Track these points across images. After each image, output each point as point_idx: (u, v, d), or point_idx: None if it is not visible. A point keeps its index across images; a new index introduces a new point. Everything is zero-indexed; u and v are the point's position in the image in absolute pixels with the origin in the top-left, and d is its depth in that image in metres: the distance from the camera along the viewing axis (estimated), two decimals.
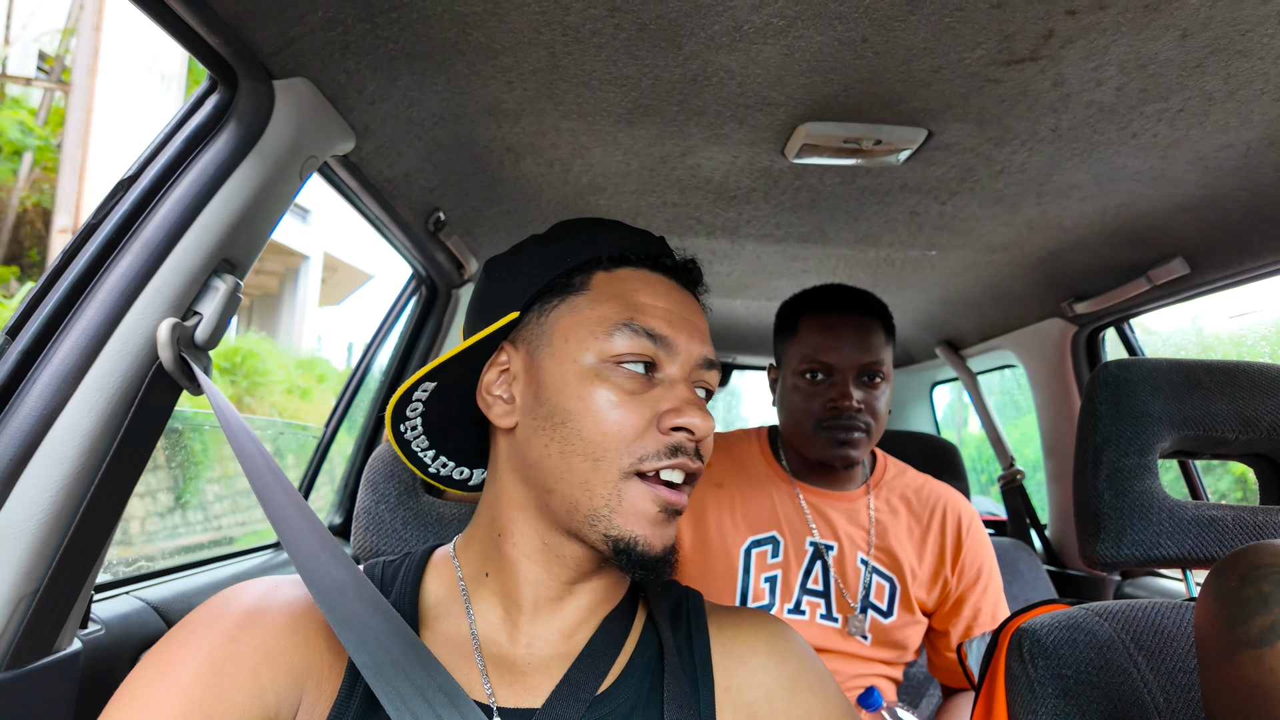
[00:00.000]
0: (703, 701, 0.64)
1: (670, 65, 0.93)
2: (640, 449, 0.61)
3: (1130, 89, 0.93)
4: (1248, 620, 0.54)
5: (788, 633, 0.71)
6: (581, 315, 0.64)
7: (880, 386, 1.31)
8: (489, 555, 0.66)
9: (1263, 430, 0.93)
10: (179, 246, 0.78)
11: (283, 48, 0.78)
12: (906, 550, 1.34)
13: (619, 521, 0.61)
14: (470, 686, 0.61)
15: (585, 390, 0.62)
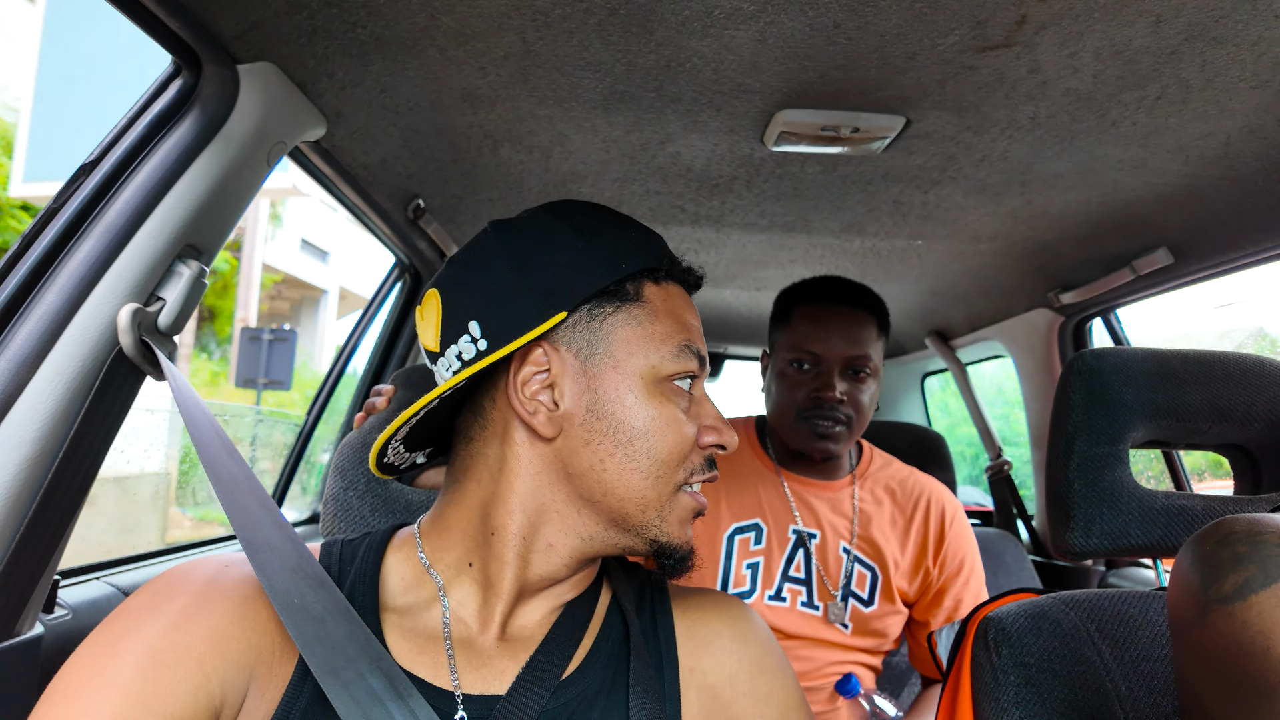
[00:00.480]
0: (667, 683, 0.65)
1: (643, 51, 0.93)
2: (690, 465, 0.65)
3: (1107, 76, 0.92)
4: (1220, 579, 0.54)
5: (750, 616, 0.72)
6: (643, 329, 0.64)
7: (866, 380, 1.31)
8: (475, 549, 0.65)
9: (1236, 421, 0.92)
10: (141, 232, 0.77)
11: (245, 32, 0.77)
12: (889, 540, 1.35)
13: (667, 529, 0.64)
14: (436, 673, 0.60)
15: (656, 409, 0.63)
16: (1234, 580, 0.53)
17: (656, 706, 0.62)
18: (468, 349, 0.63)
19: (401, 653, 0.61)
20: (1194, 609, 0.56)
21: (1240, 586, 0.52)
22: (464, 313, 0.63)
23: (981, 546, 1.94)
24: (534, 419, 0.62)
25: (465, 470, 0.66)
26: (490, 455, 0.65)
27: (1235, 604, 0.52)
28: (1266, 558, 0.53)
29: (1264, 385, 0.93)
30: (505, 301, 0.62)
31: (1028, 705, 0.81)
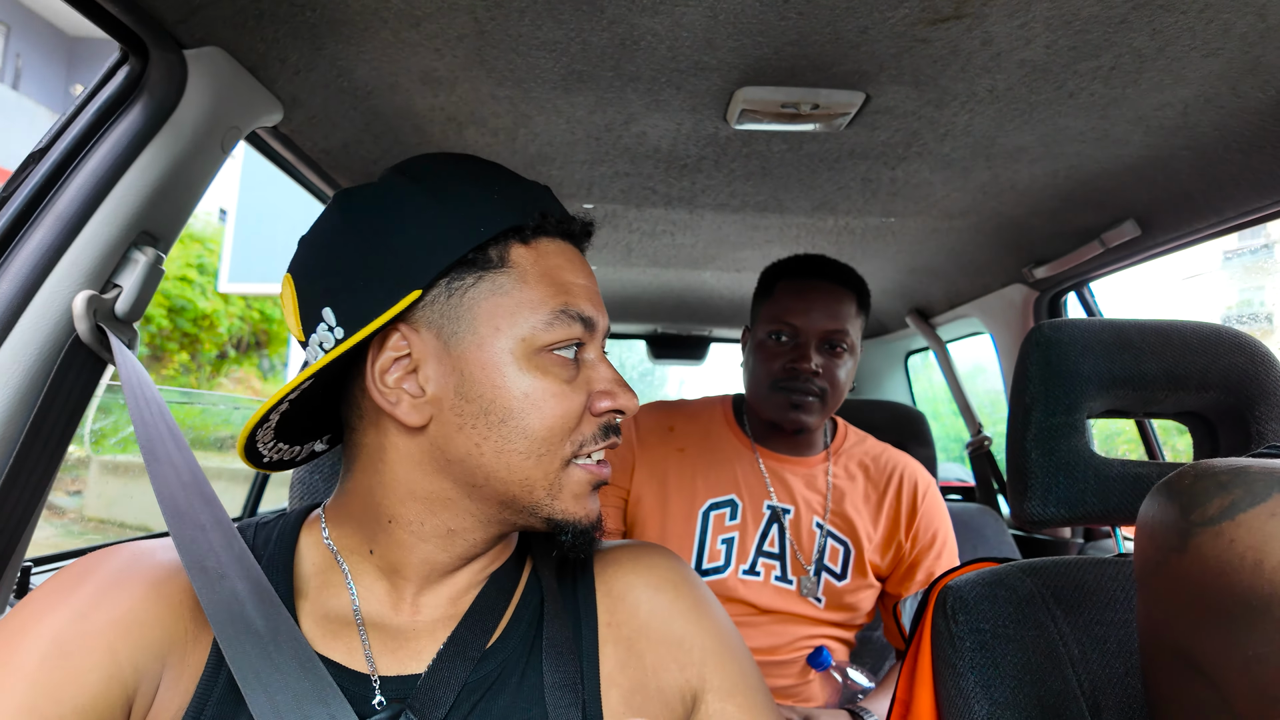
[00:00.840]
0: (585, 641, 0.65)
1: (596, 29, 0.93)
2: (579, 437, 0.62)
3: (1060, 47, 0.93)
4: (1203, 504, 0.53)
5: (666, 564, 0.72)
6: (509, 298, 0.59)
7: (842, 356, 1.33)
8: (374, 536, 0.63)
9: (1193, 388, 0.94)
10: (94, 219, 0.77)
11: (189, 16, 0.77)
12: (862, 515, 1.37)
13: (560, 506, 0.62)
14: (351, 657, 0.60)
15: (527, 385, 0.58)
16: (1219, 503, 0.53)
17: (570, 666, 0.62)
18: (326, 338, 0.58)
19: (316, 637, 0.60)
20: (1174, 536, 0.55)
21: (1228, 507, 0.52)
22: (317, 299, 0.59)
23: (963, 521, 1.97)
24: (397, 409, 0.58)
25: (352, 459, 0.64)
26: (369, 445, 0.62)
27: (1223, 523, 0.51)
28: (1252, 480, 0.53)
29: (1219, 352, 0.94)
30: (355, 284, 0.57)
31: (982, 669, 0.83)
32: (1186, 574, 0.54)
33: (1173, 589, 0.56)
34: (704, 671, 0.67)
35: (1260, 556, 0.48)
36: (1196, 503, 0.54)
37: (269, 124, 0.98)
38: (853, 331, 1.34)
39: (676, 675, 0.66)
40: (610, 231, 1.84)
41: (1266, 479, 0.52)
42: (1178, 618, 0.56)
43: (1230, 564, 0.50)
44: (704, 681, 0.67)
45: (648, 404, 1.51)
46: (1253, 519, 0.50)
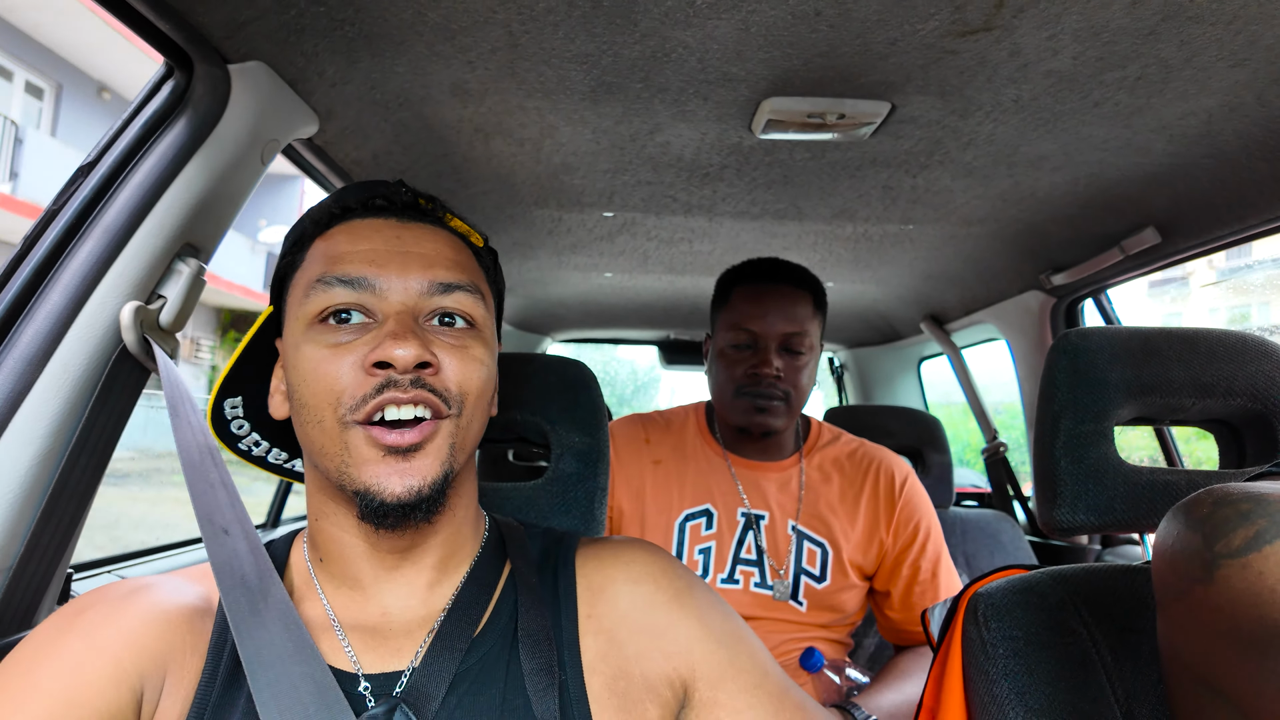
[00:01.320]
0: (565, 632, 0.67)
1: (628, 42, 0.94)
2: (350, 398, 0.60)
3: (1087, 58, 0.93)
4: (1228, 535, 0.54)
5: (648, 557, 0.73)
6: (295, 286, 0.66)
7: (802, 357, 1.34)
8: (316, 540, 0.67)
9: (1219, 396, 0.94)
10: (140, 231, 0.79)
11: (235, 31, 0.78)
12: (838, 515, 1.37)
13: (353, 474, 0.60)
14: (334, 657, 0.63)
15: (297, 359, 0.62)
16: (1244, 534, 0.53)
17: (548, 653, 0.64)
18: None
19: None
20: (1197, 567, 0.56)
21: (1253, 539, 0.52)
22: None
23: (979, 527, 1.97)
24: (271, 402, 0.68)
25: None
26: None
27: (1249, 555, 0.52)
28: (1275, 511, 0.53)
29: (1245, 360, 0.95)
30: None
31: (1016, 676, 0.83)
32: (1214, 604, 0.54)
33: (1197, 618, 0.56)
34: (691, 660, 0.68)
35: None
36: (1220, 533, 0.55)
37: (305, 135, 0.99)
38: (811, 332, 1.36)
39: (662, 664, 0.67)
40: (628, 239, 1.85)
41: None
42: (1203, 646, 0.56)
43: (1260, 595, 0.51)
44: (693, 671, 0.68)
45: (623, 418, 1.52)
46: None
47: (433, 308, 0.64)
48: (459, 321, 0.65)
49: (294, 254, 0.68)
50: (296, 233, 0.68)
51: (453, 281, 0.64)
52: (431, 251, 0.66)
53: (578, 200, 1.55)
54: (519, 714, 0.62)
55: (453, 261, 0.66)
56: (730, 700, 0.67)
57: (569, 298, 2.51)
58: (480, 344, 0.65)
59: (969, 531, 1.96)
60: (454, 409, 0.62)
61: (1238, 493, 0.57)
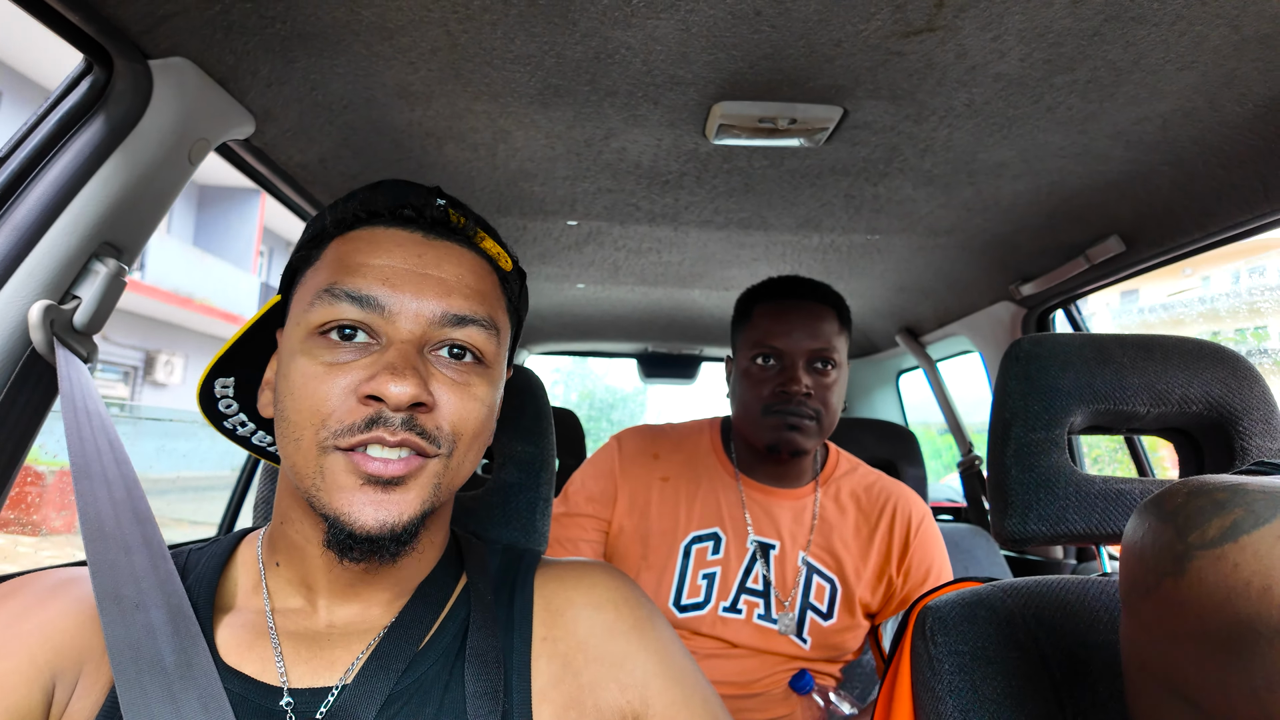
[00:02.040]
0: (516, 654, 0.64)
1: (570, 43, 0.92)
2: (336, 423, 0.56)
3: (1034, 60, 0.92)
4: (1202, 525, 0.51)
5: (609, 582, 0.71)
6: (303, 288, 0.62)
7: (831, 374, 1.29)
8: (277, 542, 0.64)
9: (1174, 404, 0.92)
10: (54, 229, 0.76)
11: (154, 26, 0.76)
12: (850, 550, 1.31)
13: (325, 499, 0.56)
14: (264, 668, 0.59)
15: (289, 368, 0.58)
16: (1219, 524, 0.50)
17: (494, 676, 0.61)
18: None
19: (230, 649, 0.60)
20: (1168, 560, 0.53)
21: (1229, 529, 0.49)
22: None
23: (954, 541, 1.94)
24: (261, 395, 0.65)
25: None
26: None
27: (1225, 545, 0.49)
28: (1253, 500, 0.50)
29: (1201, 367, 0.93)
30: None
31: (961, 693, 0.80)
32: (1184, 600, 0.51)
33: (1166, 615, 0.53)
34: (646, 694, 0.65)
35: (1268, 581, 0.46)
36: (1194, 523, 0.52)
37: (240, 136, 0.97)
38: (838, 347, 1.31)
39: (616, 695, 0.65)
40: (596, 249, 1.83)
41: (1268, 498, 0.49)
42: (1170, 647, 0.53)
43: (1235, 589, 0.47)
44: (646, 705, 0.65)
45: (633, 428, 1.46)
46: (1258, 541, 0.47)
47: (441, 338, 0.60)
48: (467, 356, 0.61)
49: (309, 249, 0.64)
50: (316, 227, 0.64)
51: (467, 314, 0.60)
52: (452, 277, 0.61)
53: (540, 208, 1.53)
54: None
55: (472, 290, 0.61)
56: None
57: (543, 309, 2.49)
58: (484, 382, 0.61)
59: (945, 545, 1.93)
60: (444, 449, 0.58)
61: (1213, 482, 0.54)
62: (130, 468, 0.66)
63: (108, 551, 0.59)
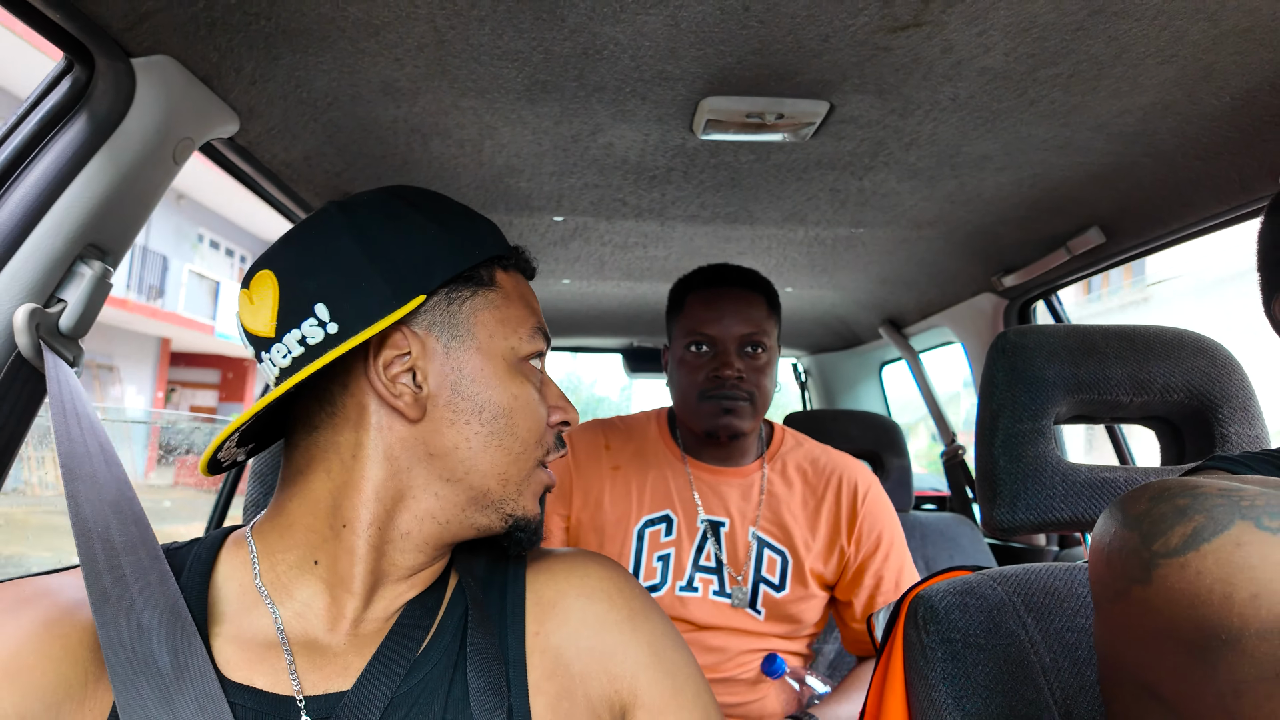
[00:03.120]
0: (511, 649, 0.64)
1: (558, 38, 0.92)
2: (546, 443, 0.68)
3: (1019, 54, 0.93)
4: (1165, 533, 0.52)
5: (602, 572, 0.71)
6: (500, 313, 0.66)
7: (762, 357, 1.34)
8: (322, 544, 0.62)
9: (1156, 392, 0.94)
10: (37, 231, 0.75)
11: (136, 23, 0.75)
12: (799, 522, 1.35)
13: (523, 504, 0.67)
14: (276, 680, 0.58)
15: (517, 388, 0.66)
16: (1181, 531, 0.51)
17: (496, 673, 0.62)
18: (314, 333, 0.60)
19: (237, 664, 0.58)
20: (1135, 567, 0.54)
21: (1190, 537, 0.51)
22: (307, 295, 0.60)
23: (938, 530, 1.97)
24: (399, 401, 0.62)
25: (311, 461, 0.63)
26: (343, 443, 0.62)
27: (1187, 554, 0.50)
28: (1213, 506, 0.52)
29: (1182, 357, 0.95)
30: (356, 283, 0.60)
31: (953, 680, 0.81)
32: (1151, 606, 0.52)
33: (1135, 620, 0.55)
34: (635, 686, 0.66)
35: (1229, 589, 0.47)
36: (1157, 531, 0.53)
37: (225, 135, 0.96)
38: (769, 332, 1.35)
39: (606, 686, 0.65)
40: (582, 244, 1.83)
41: (1226, 504, 0.51)
42: (1141, 649, 0.55)
43: (1198, 596, 0.49)
44: (635, 697, 0.66)
45: (582, 424, 1.50)
46: (1218, 549, 0.49)
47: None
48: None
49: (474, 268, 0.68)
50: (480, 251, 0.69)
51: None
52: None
53: (526, 204, 1.53)
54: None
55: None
56: None
57: None
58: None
59: (928, 535, 1.96)
60: None
61: (1175, 486, 0.55)
62: (121, 469, 0.64)
63: (100, 554, 0.57)
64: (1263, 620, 0.45)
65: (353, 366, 0.62)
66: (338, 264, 0.61)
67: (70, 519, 0.59)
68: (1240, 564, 0.48)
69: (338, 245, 0.62)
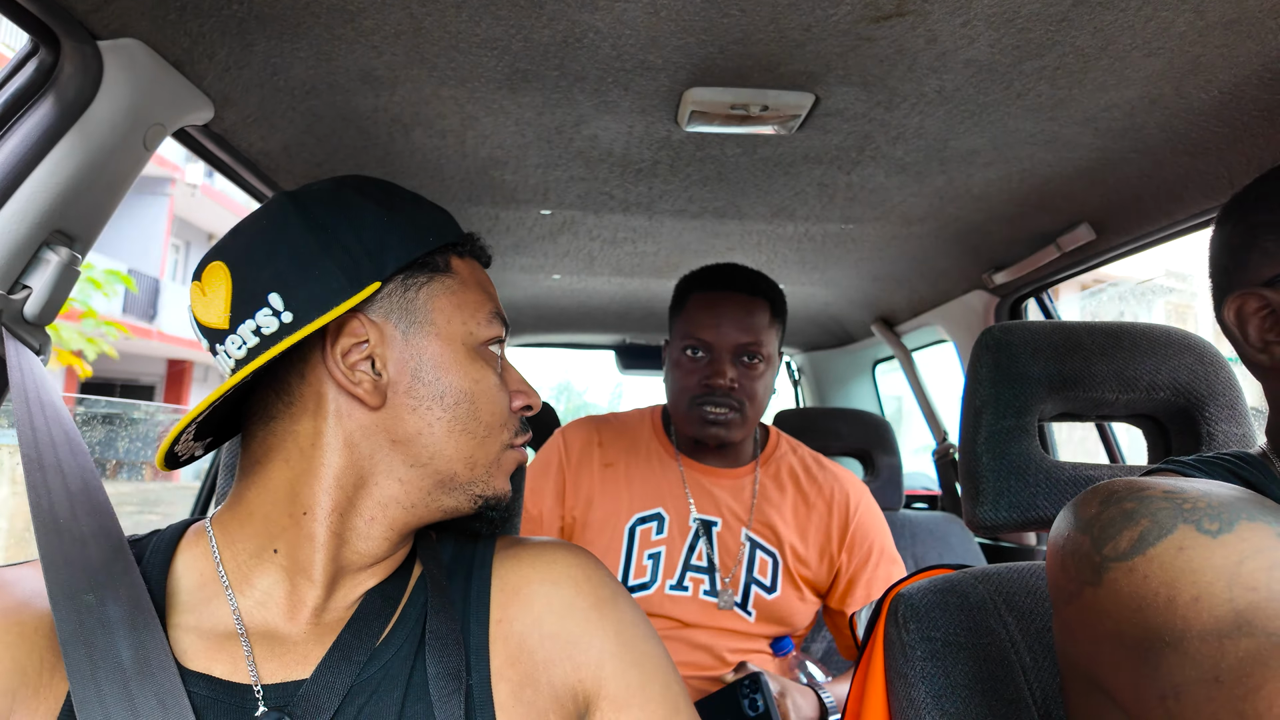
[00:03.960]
0: (474, 635, 0.64)
1: (537, 26, 0.91)
2: (512, 425, 0.69)
3: (1004, 45, 0.92)
4: (1114, 537, 0.54)
5: (571, 559, 0.70)
6: (458, 298, 0.67)
7: (759, 368, 1.31)
8: (281, 533, 0.62)
9: (1142, 390, 0.93)
10: (1, 216, 0.74)
11: (102, 5, 0.74)
12: (789, 526, 1.34)
13: (494, 484, 0.68)
14: (234, 669, 0.58)
15: (477, 373, 0.66)
16: (1129, 536, 0.53)
17: (455, 658, 0.61)
18: (268, 322, 0.60)
19: (196, 654, 0.58)
20: (1087, 570, 0.56)
21: (1137, 541, 0.53)
22: (260, 285, 0.60)
23: (928, 529, 1.96)
24: (358, 389, 0.62)
25: (269, 450, 0.63)
26: (301, 432, 0.62)
27: (1134, 559, 0.52)
28: (1157, 510, 0.53)
29: (1168, 354, 0.94)
30: (310, 272, 0.60)
31: (933, 679, 0.80)
32: (1101, 607, 0.54)
33: (1087, 621, 0.56)
34: (601, 675, 0.65)
35: (1172, 593, 0.49)
36: (1107, 535, 0.55)
37: (198, 122, 0.94)
38: (768, 342, 1.33)
39: (570, 673, 0.65)
40: (571, 239, 1.82)
41: (1170, 507, 0.52)
42: (1091, 648, 0.56)
43: (1145, 599, 0.51)
44: (600, 687, 0.65)
45: (576, 421, 1.49)
46: (1162, 553, 0.51)
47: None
48: None
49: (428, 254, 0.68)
50: (435, 238, 0.69)
51: None
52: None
53: (512, 197, 1.51)
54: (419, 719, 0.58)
55: None
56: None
57: (519, 301, 2.47)
58: None
59: (918, 533, 1.95)
60: None
61: (1122, 489, 0.57)
62: (87, 459, 0.64)
63: (62, 545, 0.56)
64: (1204, 623, 0.47)
65: (309, 355, 0.62)
66: (290, 253, 0.61)
67: (31, 509, 0.59)
68: (1183, 568, 0.49)
69: (290, 234, 0.62)
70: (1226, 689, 0.44)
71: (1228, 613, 0.46)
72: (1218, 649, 0.45)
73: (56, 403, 0.68)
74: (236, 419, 0.68)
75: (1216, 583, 0.47)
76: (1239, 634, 0.45)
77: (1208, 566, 0.48)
